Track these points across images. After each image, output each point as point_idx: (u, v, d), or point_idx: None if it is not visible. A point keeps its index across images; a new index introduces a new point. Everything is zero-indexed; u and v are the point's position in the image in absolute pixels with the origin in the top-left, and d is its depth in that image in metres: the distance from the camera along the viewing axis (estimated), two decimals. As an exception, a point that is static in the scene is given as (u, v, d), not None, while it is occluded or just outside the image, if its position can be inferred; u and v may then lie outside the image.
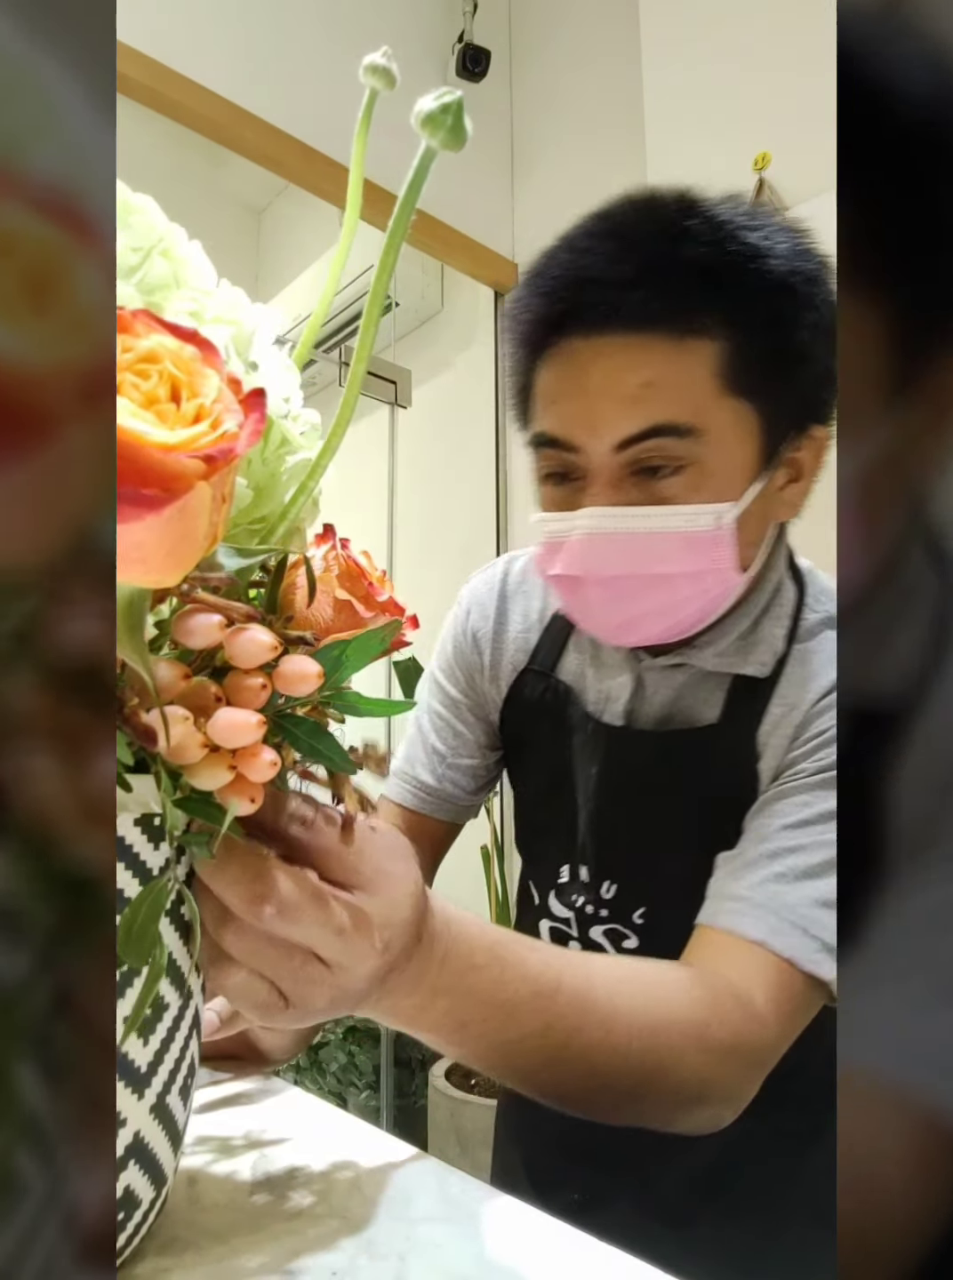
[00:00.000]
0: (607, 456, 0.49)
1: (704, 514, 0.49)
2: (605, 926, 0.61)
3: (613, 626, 0.55)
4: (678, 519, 0.49)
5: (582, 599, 0.54)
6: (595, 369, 0.49)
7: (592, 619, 0.56)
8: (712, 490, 0.49)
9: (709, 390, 0.48)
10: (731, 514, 0.49)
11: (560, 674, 0.64)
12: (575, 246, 0.51)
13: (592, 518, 0.50)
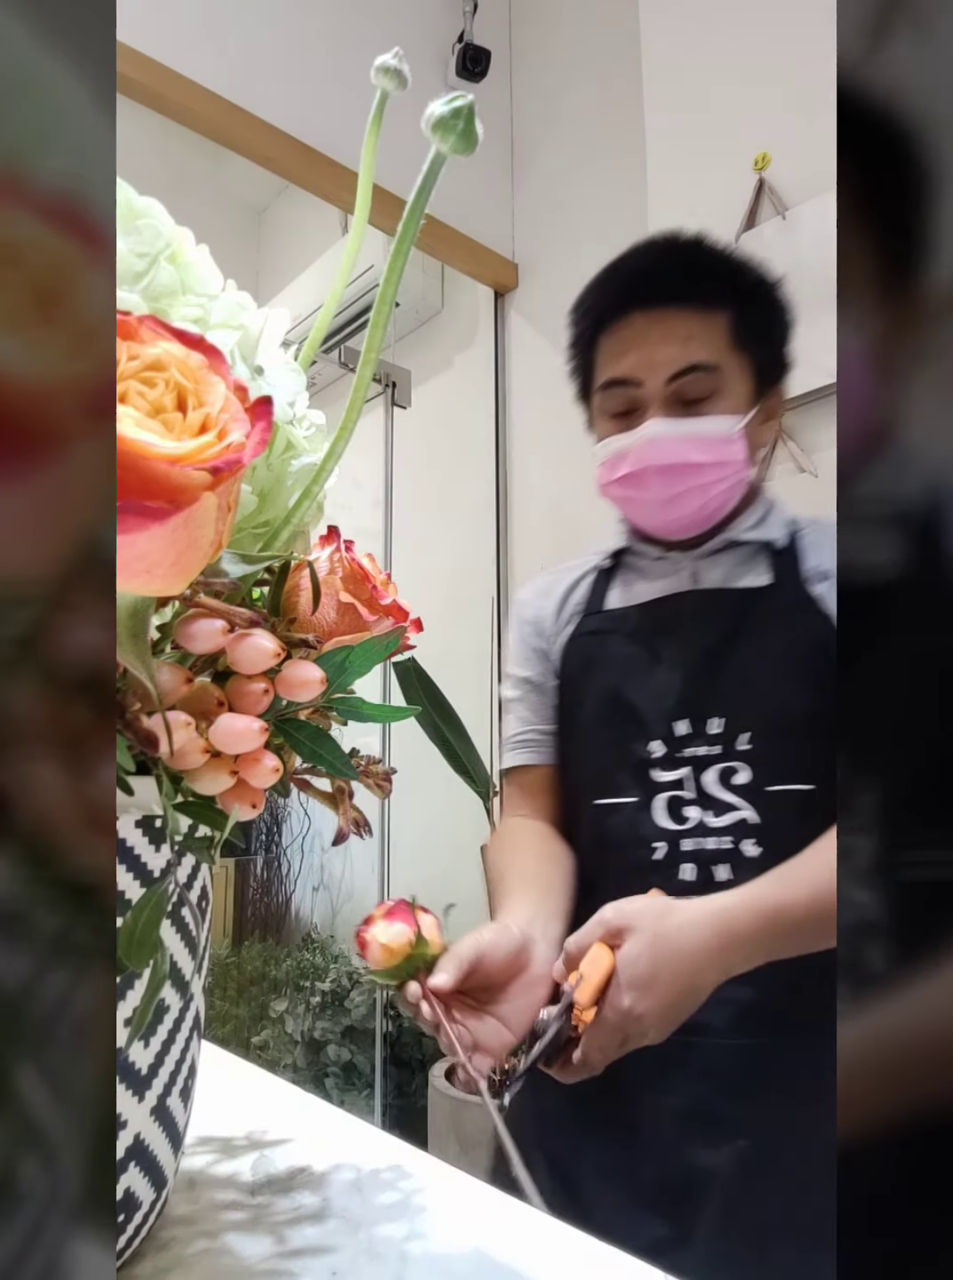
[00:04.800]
0: (661, 387, 0.74)
1: (726, 422, 0.74)
2: (719, 766, 0.71)
3: (661, 503, 0.76)
4: (709, 424, 0.74)
5: (642, 486, 0.76)
6: (654, 330, 0.74)
7: (646, 501, 0.77)
8: (729, 408, 0.74)
9: (725, 344, 0.74)
10: (741, 423, 0.75)
11: (611, 605, 0.83)
12: (636, 254, 0.79)
13: (653, 426, 0.74)
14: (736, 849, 0.70)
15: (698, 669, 0.74)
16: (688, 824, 0.72)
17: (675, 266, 0.76)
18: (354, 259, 0.33)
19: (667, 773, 0.73)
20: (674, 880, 0.70)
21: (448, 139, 0.28)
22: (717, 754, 0.72)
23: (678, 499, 0.76)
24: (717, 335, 0.74)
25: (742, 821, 0.70)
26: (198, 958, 0.33)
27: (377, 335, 0.29)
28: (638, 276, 0.77)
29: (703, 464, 0.74)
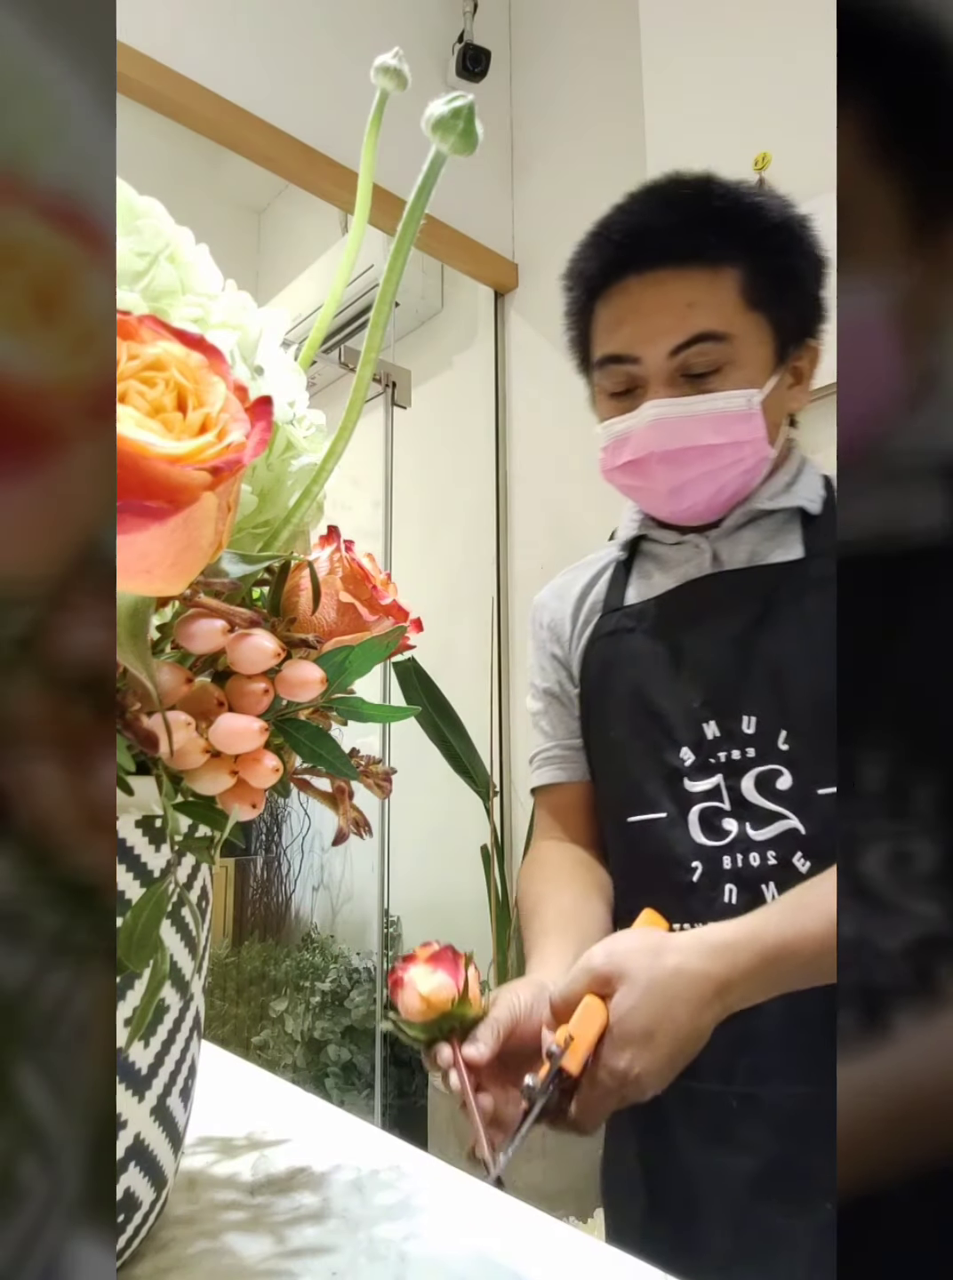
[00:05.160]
0: (662, 362, 0.65)
1: (738, 397, 0.64)
2: (757, 771, 0.63)
3: (668, 491, 0.68)
4: (720, 401, 0.64)
5: (645, 475, 0.68)
6: (650, 297, 0.65)
7: (651, 490, 0.69)
8: (743, 381, 0.64)
9: (736, 306, 0.64)
10: (758, 397, 0.65)
11: (630, 600, 0.75)
12: (629, 209, 0.68)
13: (655, 407, 0.65)
14: (784, 864, 0.61)
15: (725, 662, 0.66)
16: (728, 838, 0.63)
17: (674, 220, 0.65)
18: (354, 259, 0.33)
19: (699, 782, 0.65)
20: (716, 903, 0.62)
21: (448, 139, 0.29)
22: (753, 757, 0.63)
23: (688, 486, 0.67)
24: (726, 297, 0.64)
25: (789, 832, 0.61)
26: (198, 958, 0.33)
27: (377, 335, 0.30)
28: (630, 235, 0.66)
29: (715, 446, 0.65)
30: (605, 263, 0.68)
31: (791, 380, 0.69)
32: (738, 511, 0.70)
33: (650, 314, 0.65)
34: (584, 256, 0.70)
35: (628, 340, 0.66)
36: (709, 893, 0.63)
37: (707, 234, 0.64)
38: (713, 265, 0.64)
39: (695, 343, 0.63)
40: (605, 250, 0.67)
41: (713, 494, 0.68)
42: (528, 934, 0.68)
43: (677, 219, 0.65)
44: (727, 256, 0.64)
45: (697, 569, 0.71)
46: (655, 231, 0.65)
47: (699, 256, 0.64)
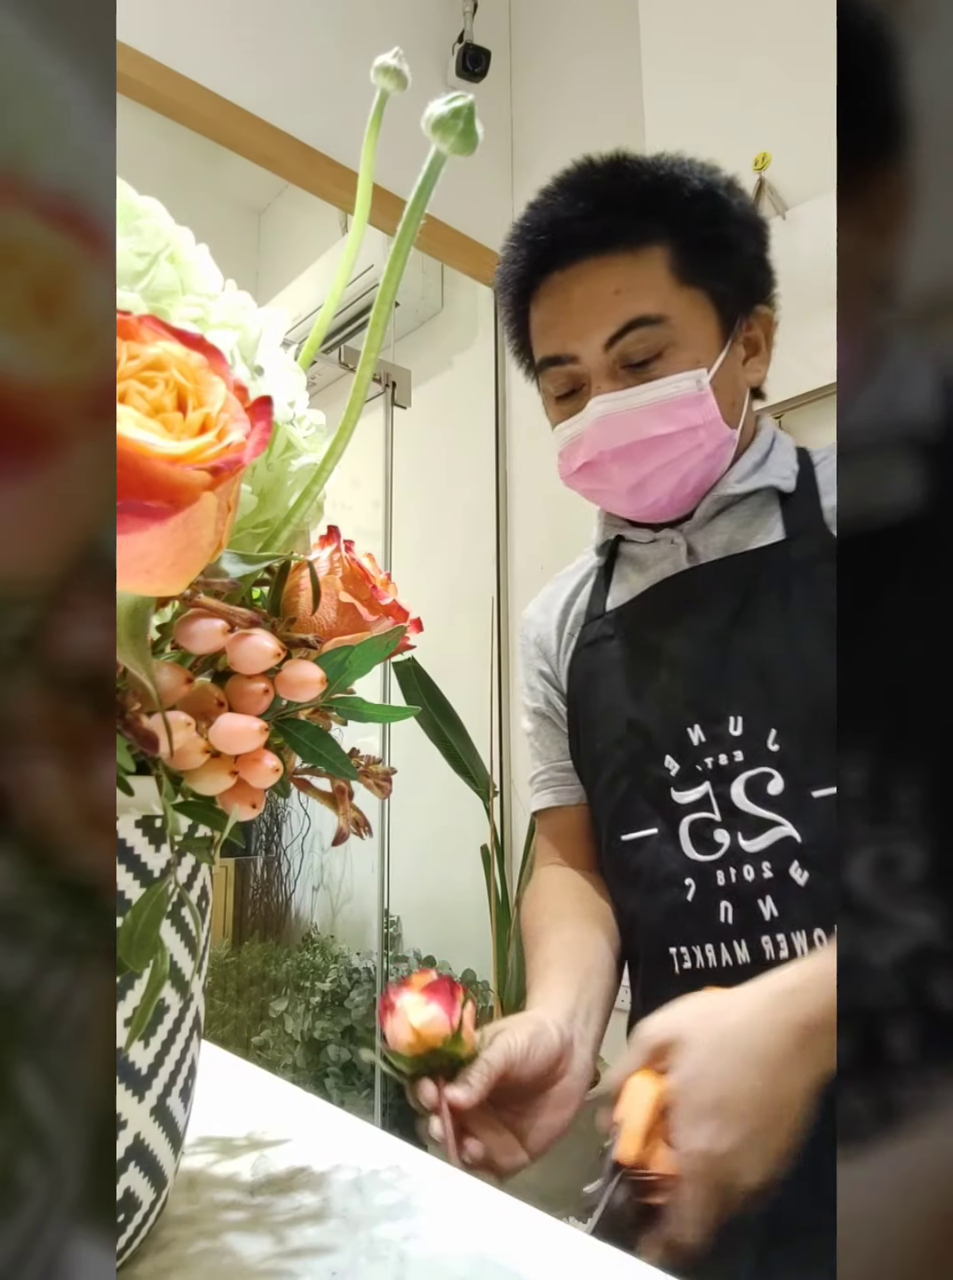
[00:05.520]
0: (599, 356, 0.62)
1: (686, 379, 0.61)
2: (747, 775, 0.58)
3: (628, 490, 0.65)
4: (668, 388, 0.61)
5: (603, 476, 0.65)
6: (575, 291, 0.62)
7: (612, 491, 0.66)
8: (688, 362, 0.61)
9: (668, 284, 0.61)
10: (707, 377, 0.61)
11: (610, 606, 0.71)
12: (540, 203, 0.65)
13: (599, 404, 0.62)
14: (780, 876, 0.56)
15: (705, 661, 0.62)
16: (719, 851, 0.58)
17: (587, 207, 0.62)
18: (354, 259, 0.33)
19: (687, 792, 0.61)
20: (713, 924, 0.58)
21: (448, 139, 0.29)
22: (741, 761, 0.58)
23: (648, 482, 0.64)
24: (654, 277, 0.60)
25: (784, 841, 0.56)
26: (198, 958, 0.33)
27: (377, 335, 0.30)
28: (546, 231, 0.63)
29: (668, 435, 0.61)
30: (528, 263, 0.65)
31: (745, 353, 0.66)
32: (708, 499, 0.66)
33: (579, 309, 0.62)
34: (508, 259, 0.67)
35: (562, 339, 0.63)
36: (704, 913, 0.58)
37: (623, 215, 0.61)
38: (635, 247, 0.61)
39: (629, 330, 0.60)
40: (526, 250, 0.65)
41: (676, 485, 0.64)
42: (530, 966, 0.64)
43: (590, 205, 0.61)
44: (648, 235, 0.61)
45: (673, 565, 0.67)
46: (569, 222, 0.62)
47: (619, 240, 0.61)
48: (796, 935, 0.55)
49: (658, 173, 0.62)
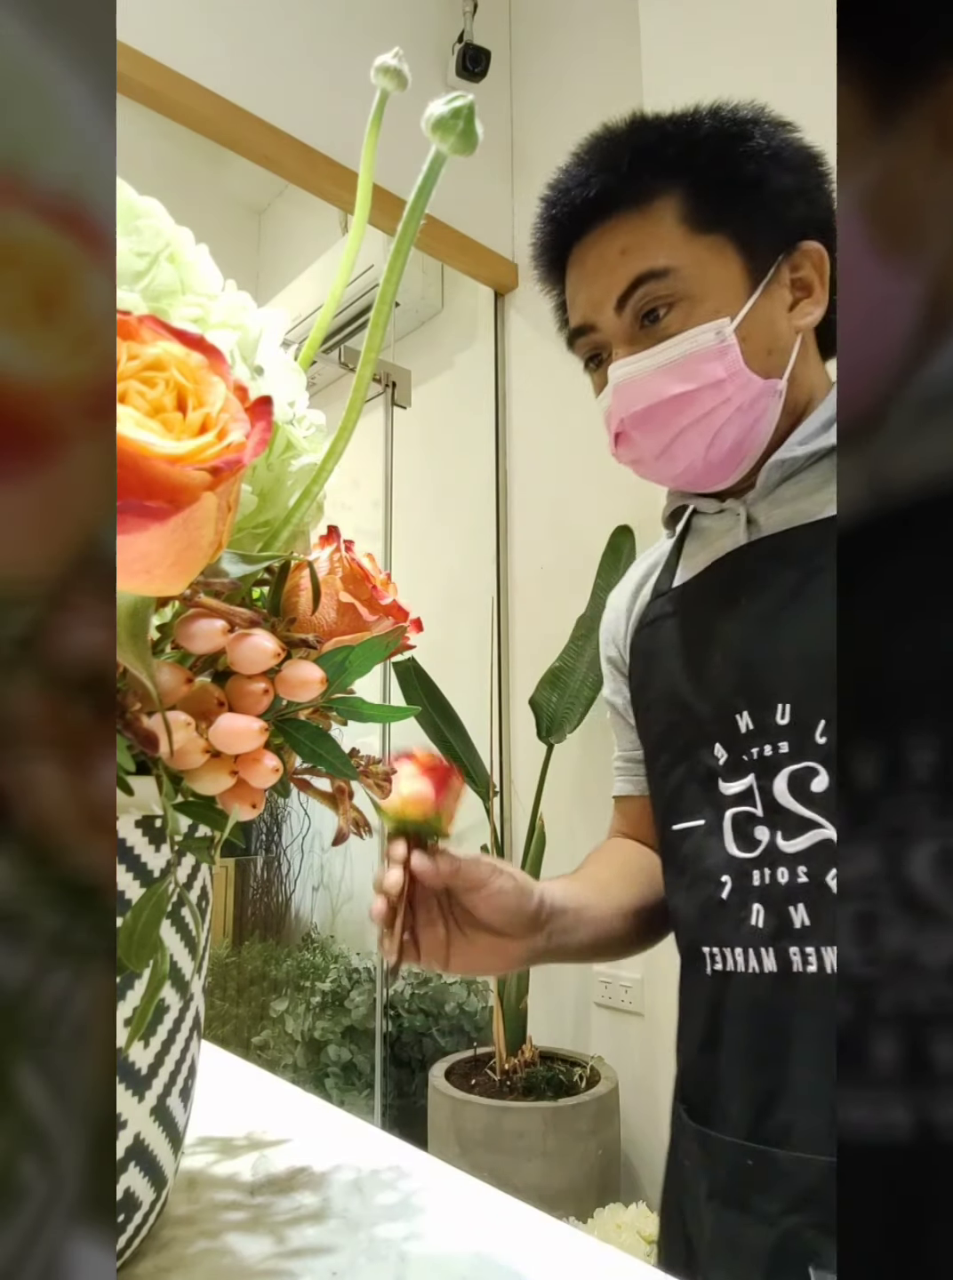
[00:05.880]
0: (613, 320, 0.60)
1: (705, 332, 0.57)
2: (790, 769, 0.54)
3: (656, 457, 0.61)
4: (684, 344, 0.57)
5: (631, 445, 0.62)
6: (588, 259, 0.61)
7: (644, 460, 0.63)
8: (709, 313, 0.58)
9: (678, 235, 0.58)
10: (729, 326, 0.57)
11: (676, 583, 0.68)
12: (555, 180, 0.65)
13: (616, 371, 0.60)
14: (816, 882, 0.52)
15: (756, 644, 0.57)
16: (758, 849, 0.55)
17: (591, 172, 0.60)
18: (354, 259, 0.33)
19: (733, 783, 0.57)
20: (744, 926, 0.55)
21: (448, 139, 0.29)
22: (786, 753, 0.54)
23: (674, 446, 0.60)
24: (662, 230, 0.58)
25: (823, 844, 0.52)
26: (198, 958, 0.33)
27: (377, 335, 0.30)
28: (559, 204, 0.62)
29: (688, 393, 0.57)
30: (548, 239, 0.64)
31: (794, 296, 0.60)
32: (770, 464, 0.60)
33: (591, 276, 0.61)
34: (533, 240, 0.67)
35: (583, 310, 0.62)
36: (737, 914, 0.55)
37: (627, 176, 0.59)
38: (642, 204, 0.58)
39: (636, 287, 0.58)
40: (545, 225, 0.64)
41: (708, 447, 0.59)
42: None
43: (593, 171, 0.60)
44: (655, 190, 0.58)
45: (733, 540, 0.62)
46: (575, 190, 0.61)
47: (625, 200, 0.59)
48: (826, 950, 0.51)
49: (665, 127, 0.61)
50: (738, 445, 0.60)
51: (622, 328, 0.60)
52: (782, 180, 0.59)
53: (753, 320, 0.58)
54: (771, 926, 0.53)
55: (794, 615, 0.56)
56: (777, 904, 0.53)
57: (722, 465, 0.61)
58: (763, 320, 0.59)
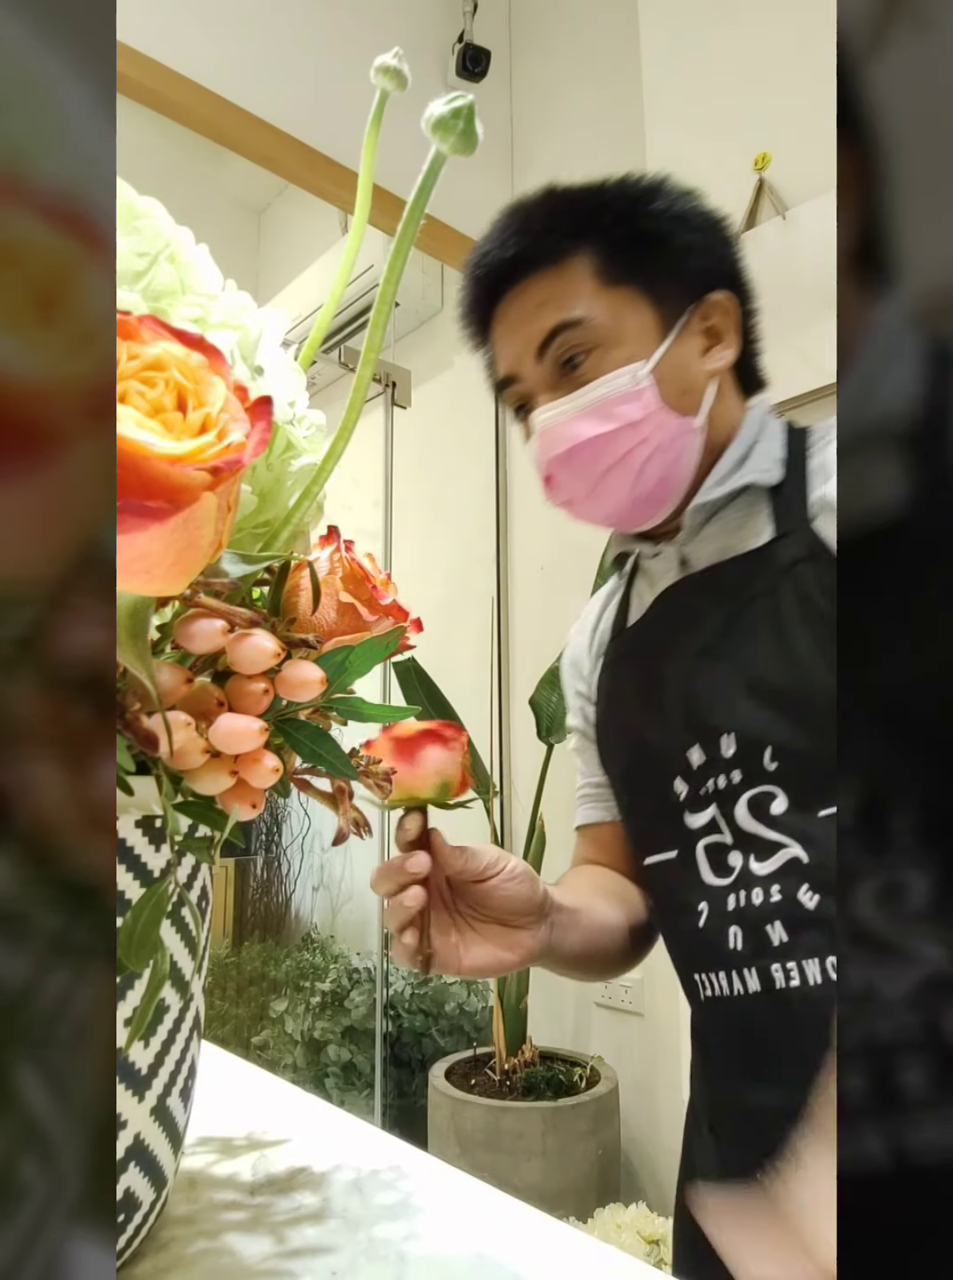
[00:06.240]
0: (535, 369, 0.63)
1: (620, 375, 0.61)
2: (748, 794, 0.56)
3: (585, 499, 0.65)
4: (602, 388, 0.61)
5: (560, 490, 0.66)
6: (510, 314, 0.65)
7: (574, 504, 0.66)
8: (623, 358, 0.61)
9: (592, 289, 0.62)
10: (644, 369, 0.61)
11: (629, 624, 0.71)
12: (479, 242, 0.68)
13: (539, 417, 0.63)
14: (789, 900, 0.54)
15: (696, 678, 0.60)
16: (732, 875, 0.57)
17: (511, 233, 0.64)
18: (354, 259, 0.33)
19: (697, 815, 0.59)
20: (722, 950, 0.57)
21: (448, 139, 0.29)
22: (739, 782, 0.56)
23: (600, 487, 0.63)
24: (577, 283, 0.62)
25: (792, 862, 0.54)
26: (198, 958, 0.33)
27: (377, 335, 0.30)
28: (482, 265, 0.66)
29: (606, 434, 0.60)
30: (474, 299, 0.68)
31: (705, 342, 0.64)
32: (692, 508, 0.63)
33: (513, 330, 0.64)
34: (460, 300, 0.70)
35: (507, 362, 0.66)
36: (714, 938, 0.57)
37: (543, 237, 0.63)
38: (557, 261, 0.62)
39: (553, 337, 0.61)
40: (470, 286, 0.68)
41: (633, 485, 0.62)
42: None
43: (513, 234, 0.64)
44: (570, 249, 0.62)
45: (670, 579, 0.66)
46: (496, 253, 0.65)
47: (543, 259, 0.63)
48: (808, 963, 0.53)
49: (578, 192, 0.65)
50: (663, 482, 0.63)
51: (543, 376, 0.63)
52: (686, 238, 0.64)
53: (667, 364, 0.61)
54: (750, 947, 0.56)
55: (730, 647, 0.59)
56: (753, 925, 0.56)
57: (649, 502, 0.64)
58: (677, 364, 0.62)
